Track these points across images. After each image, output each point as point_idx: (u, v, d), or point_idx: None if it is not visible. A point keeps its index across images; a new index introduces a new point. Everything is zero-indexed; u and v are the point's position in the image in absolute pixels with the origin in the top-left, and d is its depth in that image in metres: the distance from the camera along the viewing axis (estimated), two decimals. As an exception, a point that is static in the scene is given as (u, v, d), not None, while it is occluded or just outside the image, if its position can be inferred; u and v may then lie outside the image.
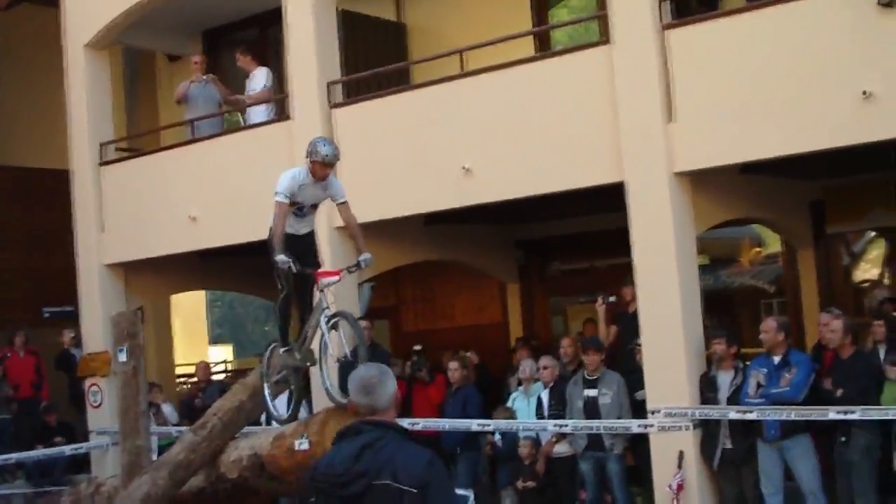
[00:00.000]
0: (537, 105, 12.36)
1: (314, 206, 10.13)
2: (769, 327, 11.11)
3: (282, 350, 10.24)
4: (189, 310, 22.39)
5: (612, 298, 13.33)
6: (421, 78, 14.22)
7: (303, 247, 10.00)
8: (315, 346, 10.09)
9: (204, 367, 17.54)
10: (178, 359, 20.48)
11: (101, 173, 16.51)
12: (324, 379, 9.93)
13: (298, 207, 9.89)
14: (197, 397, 16.02)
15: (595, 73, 11.90)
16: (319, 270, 9.96)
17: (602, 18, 12.60)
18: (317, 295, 9.99)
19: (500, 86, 12.66)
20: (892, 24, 10.07)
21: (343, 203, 10.07)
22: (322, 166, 9.70)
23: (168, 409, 16.14)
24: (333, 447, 4.93)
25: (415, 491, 4.62)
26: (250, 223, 14.35)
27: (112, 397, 14.88)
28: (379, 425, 4.84)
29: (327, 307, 9.75)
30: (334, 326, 9.73)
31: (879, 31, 10.17)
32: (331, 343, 9.71)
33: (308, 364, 10.29)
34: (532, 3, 15.37)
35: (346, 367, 9.39)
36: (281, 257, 9.53)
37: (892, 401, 10.47)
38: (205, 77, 16.36)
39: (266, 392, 10.42)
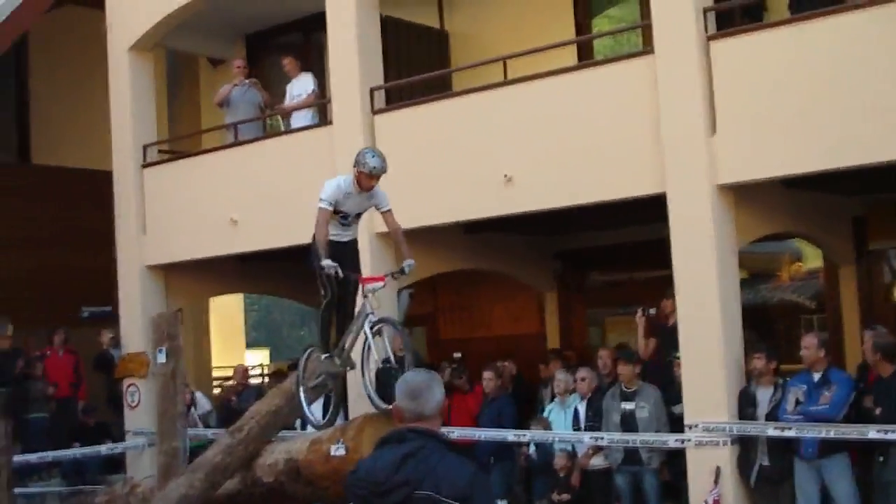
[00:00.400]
0: (579, 114, 12.32)
1: (358, 216, 10.17)
2: (810, 343, 11.00)
3: (322, 356, 10.23)
4: (226, 313, 22.44)
5: (651, 311, 13.25)
6: (462, 85, 14.18)
7: (345, 253, 10.01)
8: (356, 351, 10.09)
9: (242, 371, 17.57)
10: (214, 361, 20.54)
11: (144, 175, 16.62)
12: (365, 384, 9.89)
13: (343, 216, 9.92)
14: (232, 399, 16.06)
15: (637, 84, 11.84)
16: (364, 276, 9.97)
17: (645, 28, 12.55)
18: (360, 301, 9.99)
19: (542, 94, 12.63)
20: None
21: (388, 211, 10.12)
22: (368, 178, 9.75)
23: (201, 398, 16.18)
24: (375, 453, 4.83)
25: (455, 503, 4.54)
26: (290, 227, 14.41)
27: (149, 398, 14.95)
28: (423, 434, 4.73)
29: (372, 312, 9.74)
30: (378, 332, 9.72)
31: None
32: (375, 348, 9.69)
33: (348, 368, 10.28)
34: (575, 11, 15.32)
35: (387, 373, 9.40)
36: (327, 262, 9.55)
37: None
38: (247, 81, 16.44)
39: (301, 397, 10.42)
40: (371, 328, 9.70)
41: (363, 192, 9.86)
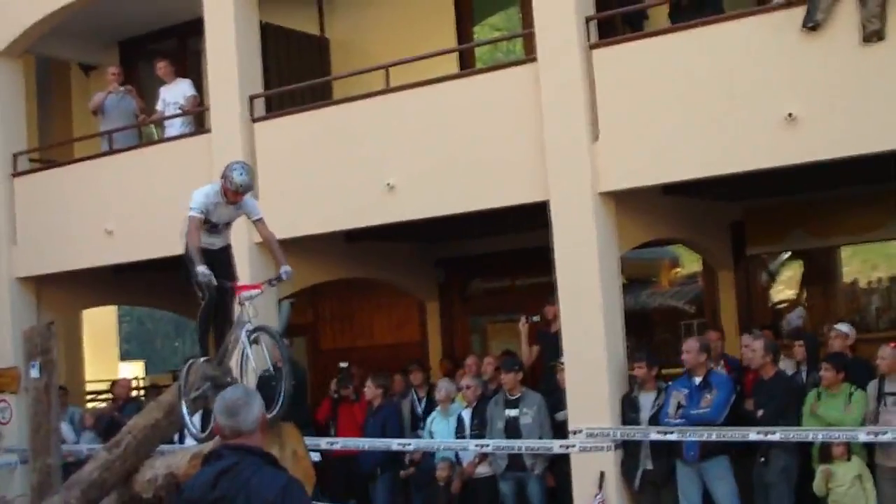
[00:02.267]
0: (461, 122, 12.31)
1: (227, 224, 10.07)
2: (691, 348, 11.14)
3: (201, 360, 10.07)
4: (99, 325, 21.93)
5: (535, 318, 13.28)
6: (343, 93, 14.08)
7: (218, 261, 9.90)
8: (234, 361, 9.93)
9: (124, 384, 17.15)
10: (87, 375, 20.05)
11: (14, 184, 16.16)
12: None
13: (212, 225, 9.79)
14: (114, 414, 15.63)
15: (520, 92, 11.87)
16: (240, 284, 9.84)
17: (528, 37, 12.58)
18: (237, 309, 9.84)
19: (424, 102, 12.59)
20: (816, 47, 10.16)
21: (259, 220, 10.03)
22: (234, 193, 9.64)
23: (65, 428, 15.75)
24: (197, 472, 4.87)
25: None
26: (167, 237, 14.01)
27: (21, 414, 14.53)
28: (238, 450, 4.75)
29: (249, 321, 9.61)
30: (255, 341, 9.60)
31: (803, 54, 10.25)
32: (253, 357, 9.57)
33: (227, 380, 10.10)
34: (457, 20, 15.32)
35: (266, 383, 9.26)
36: (201, 269, 9.41)
37: (812, 421, 10.54)
38: (121, 88, 16.09)
39: (184, 409, 10.21)
40: (248, 337, 9.57)
41: (229, 203, 9.75)
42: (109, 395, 17.63)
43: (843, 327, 11.57)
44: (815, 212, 13.90)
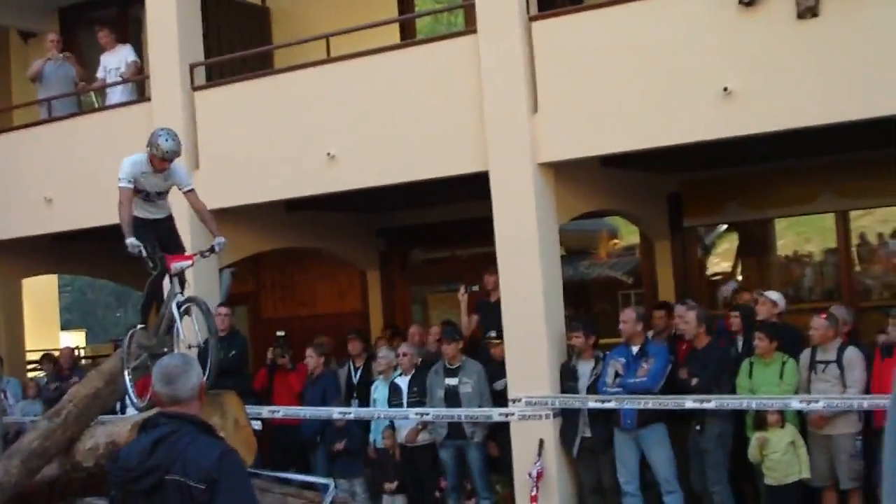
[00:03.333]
0: (402, 93, 12.35)
1: (160, 194, 10.00)
2: (629, 317, 11.31)
3: (138, 327, 10.07)
4: (39, 294, 21.75)
5: (474, 288, 13.38)
6: (284, 63, 14.05)
7: (161, 231, 9.87)
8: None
9: (69, 353, 17.06)
10: (27, 345, 19.92)
11: (-49, 152, 15.98)
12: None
13: (145, 195, 9.75)
14: (58, 384, 15.55)
15: (460, 63, 11.92)
16: (170, 255, 9.81)
17: (468, 8, 12.63)
18: (168, 282, 9.85)
19: (366, 73, 12.60)
20: (752, 22, 10.30)
21: (190, 191, 10.03)
22: (160, 160, 9.61)
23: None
24: (133, 440, 4.84)
25: (202, 487, 4.49)
26: (107, 206, 13.95)
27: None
28: (176, 418, 4.71)
29: (179, 293, 9.62)
30: (187, 312, 9.62)
31: (741, 28, 10.40)
32: (182, 329, 9.59)
33: (164, 350, 10.11)
34: (398, -10, 15.34)
35: (199, 354, 9.28)
36: (131, 240, 9.44)
37: (746, 389, 10.75)
38: (60, 55, 15.95)
39: (127, 378, 10.22)
40: (178, 309, 9.57)
41: (157, 172, 9.71)
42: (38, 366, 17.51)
43: (772, 295, 11.74)
44: (751, 184, 14.10)
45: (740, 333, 11.62)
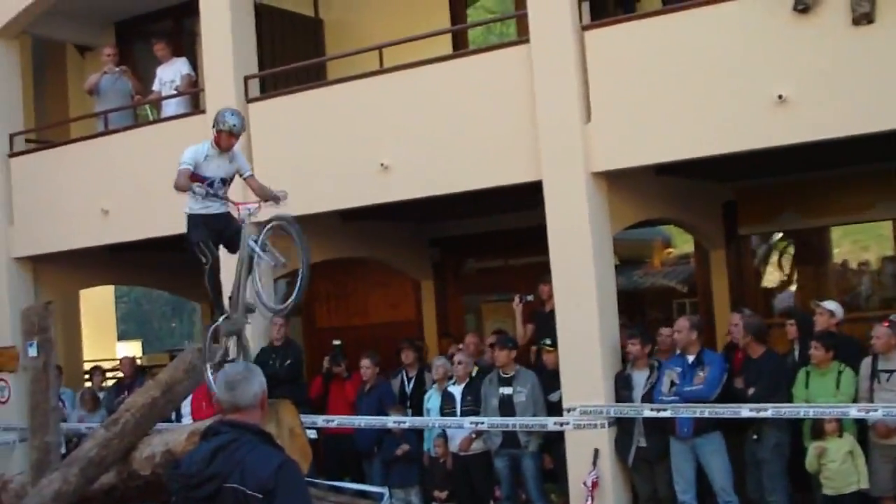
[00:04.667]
0: (455, 103, 12.38)
1: (224, 182, 9.86)
2: (683, 326, 11.26)
3: (221, 319, 10.04)
4: (96, 305, 22.00)
5: (529, 297, 13.38)
6: (338, 74, 14.13)
7: (223, 224, 9.80)
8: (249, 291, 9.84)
9: (129, 363, 17.24)
10: (85, 355, 20.14)
11: (10, 165, 16.22)
12: (258, 290, 9.80)
13: (209, 184, 9.66)
14: (123, 393, 15.69)
15: (513, 72, 11.94)
16: (237, 201, 9.68)
17: (521, 18, 12.64)
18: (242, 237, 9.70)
19: (418, 83, 12.66)
20: (806, 29, 10.25)
21: (251, 176, 9.99)
22: (228, 136, 9.57)
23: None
24: (195, 447, 4.87)
25: (260, 496, 4.52)
26: (162, 217, 14.22)
27: (20, 393, 14.62)
28: (237, 426, 4.76)
29: (252, 238, 9.48)
30: (274, 230, 9.49)
31: (794, 35, 10.34)
32: (267, 258, 9.49)
33: (247, 317, 10.05)
34: (450, 1, 15.36)
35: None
36: (195, 186, 9.42)
37: (802, 399, 10.67)
38: (117, 69, 16.14)
39: (208, 373, 10.17)
40: (259, 240, 9.46)
41: (223, 152, 9.66)
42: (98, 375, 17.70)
43: (830, 305, 11.61)
44: (806, 192, 13.98)
45: (796, 341, 11.52)
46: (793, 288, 15.07)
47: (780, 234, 15.38)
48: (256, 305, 9.84)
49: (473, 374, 12.73)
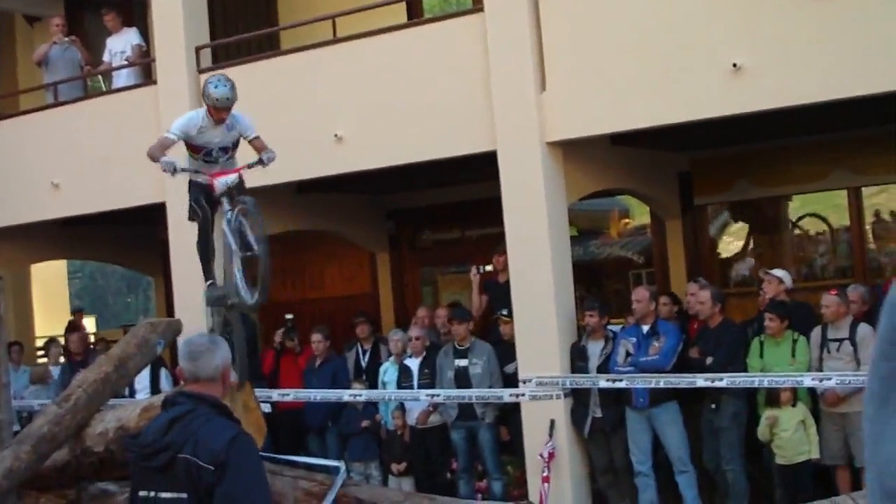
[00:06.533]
0: (410, 73, 12.28)
1: (225, 150, 9.47)
2: (643, 297, 11.25)
3: (207, 284, 9.76)
4: (48, 280, 21.79)
5: (488, 268, 13.34)
6: (291, 44, 14.00)
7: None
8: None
9: (80, 339, 17.05)
10: (37, 331, 19.95)
11: (-42, 138, 15.96)
12: (237, 282, 9.40)
13: (206, 153, 9.32)
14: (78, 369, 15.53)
15: (467, 42, 11.86)
16: (213, 172, 9.30)
17: (475, -14, 12.55)
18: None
19: (372, 53, 12.54)
20: (761, -1, 10.22)
21: (256, 138, 9.55)
22: (216, 110, 9.15)
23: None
24: (155, 416, 4.95)
25: (211, 468, 4.50)
26: (115, 190, 14.10)
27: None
28: (193, 397, 4.77)
29: (229, 209, 9.20)
30: (242, 214, 9.18)
31: (750, 4, 10.33)
32: (235, 242, 9.20)
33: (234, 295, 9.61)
34: (404, -30, 15.22)
35: (251, 262, 9.07)
36: (164, 159, 9.05)
37: (758, 369, 10.69)
38: (66, 39, 15.89)
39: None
40: (230, 218, 9.18)
41: (218, 124, 9.26)
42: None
43: (778, 272, 11.64)
44: (762, 162, 13.99)
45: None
46: (749, 258, 15.08)
47: (736, 204, 15.37)
48: (232, 296, 9.52)
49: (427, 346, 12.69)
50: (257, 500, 4.62)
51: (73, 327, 20.98)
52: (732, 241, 15.58)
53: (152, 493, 4.66)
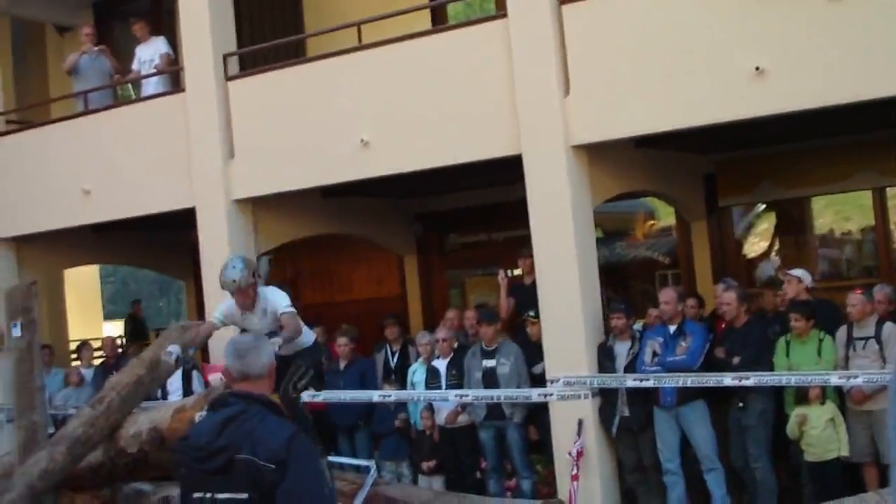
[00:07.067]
0: (435, 78, 12.38)
1: (275, 332, 9.45)
2: (670, 298, 11.30)
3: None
4: (82, 285, 22.01)
5: (517, 272, 13.43)
6: (317, 51, 14.13)
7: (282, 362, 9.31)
8: None
9: (110, 342, 17.25)
10: (71, 335, 20.15)
11: (-10, 146, 16.17)
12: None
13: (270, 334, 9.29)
14: (111, 372, 15.73)
15: (491, 47, 11.94)
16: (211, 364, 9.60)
17: (499, -8, 12.65)
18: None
19: (397, 59, 12.65)
20: (782, 0, 10.26)
21: (283, 314, 9.54)
22: (237, 295, 9.33)
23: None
24: (202, 418, 4.88)
25: (272, 467, 4.51)
26: (144, 196, 14.28)
27: (5, 373, 14.61)
28: (246, 397, 4.76)
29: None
30: None
31: (772, 6, 10.34)
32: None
33: None
34: (429, -24, 15.34)
35: None
36: (169, 348, 9.36)
37: (784, 369, 10.74)
38: (95, 48, 16.09)
39: None
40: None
41: (246, 310, 9.43)
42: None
43: (797, 272, 11.69)
44: (786, 163, 14.03)
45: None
46: (774, 257, 15.13)
47: (763, 206, 15.42)
48: None
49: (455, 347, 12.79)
50: (319, 494, 4.64)
51: (133, 317, 21.40)
52: (758, 241, 15.63)
53: (208, 495, 4.65)
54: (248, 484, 4.54)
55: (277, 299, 9.53)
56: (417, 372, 12.99)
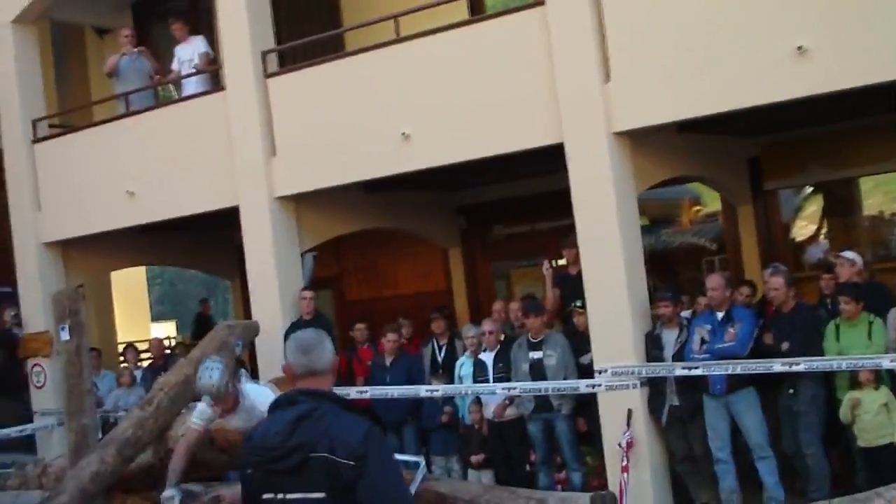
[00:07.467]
0: (474, 69, 12.30)
1: None
2: (717, 284, 11.16)
3: None
4: (129, 287, 22.18)
5: (561, 262, 13.35)
6: (355, 45, 14.10)
7: None
8: None
9: (157, 344, 17.34)
10: (119, 337, 20.30)
11: (35, 151, 16.26)
12: None
13: None
14: (159, 373, 15.82)
15: (530, 36, 11.84)
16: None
17: (536, -20, 12.54)
18: None
19: (435, 50, 12.59)
20: (825, -21, 10.12)
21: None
22: (214, 403, 9.35)
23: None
24: (269, 418, 4.75)
25: (352, 464, 4.43)
26: (188, 197, 14.32)
27: (55, 377, 14.73)
28: (315, 394, 4.66)
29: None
30: None
31: (813, -15, 10.21)
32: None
33: None
34: (465, -33, 15.26)
35: None
36: (165, 493, 9.20)
37: (834, 353, 10.59)
38: (135, 50, 16.15)
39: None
40: None
41: (227, 413, 9.42)
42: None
43: (849, 254, 11.52)
44: (832, 144, 13.84)
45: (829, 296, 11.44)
46: (823, 240, 14.95)
47: (810, 188, 15.24)
48: None
49: (502, 340, 12.73)
50: (397, 487, 4.59)
51: (201, 315, 21.61)
52: (806, 224, 15.45)
53: (279, 496, 4.56)
54: (324, 482, 4.45)
55: (262, 398, 9.21)
56: (464, 365, 12.95)
